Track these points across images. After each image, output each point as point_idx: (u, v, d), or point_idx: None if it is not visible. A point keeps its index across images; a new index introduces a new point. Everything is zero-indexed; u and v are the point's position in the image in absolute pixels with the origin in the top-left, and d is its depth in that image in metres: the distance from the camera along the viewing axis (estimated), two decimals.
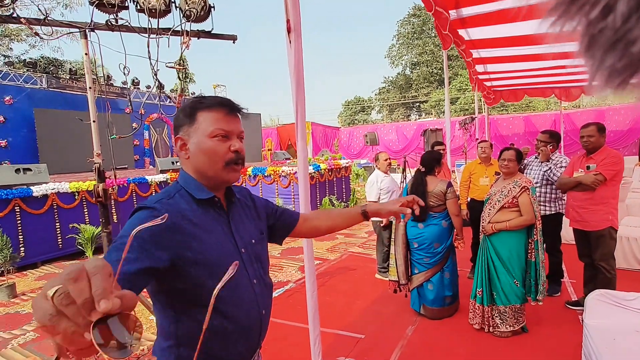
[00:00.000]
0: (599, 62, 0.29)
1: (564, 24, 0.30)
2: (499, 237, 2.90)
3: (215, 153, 0.98)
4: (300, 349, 2.79)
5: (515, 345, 2.81)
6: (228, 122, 1.00)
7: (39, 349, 3.11)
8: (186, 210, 0.95)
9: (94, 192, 2.27)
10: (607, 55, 0.28)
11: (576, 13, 0.29)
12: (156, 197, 0.97)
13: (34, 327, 3.52)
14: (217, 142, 0.98)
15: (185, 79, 2.61)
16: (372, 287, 4.12)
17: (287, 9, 1.85)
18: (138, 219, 0.89)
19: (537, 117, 16.01)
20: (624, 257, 4.18)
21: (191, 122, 0.99)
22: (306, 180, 2.00)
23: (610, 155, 3.00)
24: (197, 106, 0.99)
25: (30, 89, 10.52)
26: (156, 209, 0.91)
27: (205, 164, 0.99)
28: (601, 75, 0.30)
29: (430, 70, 30.10)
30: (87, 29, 2.10)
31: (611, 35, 0.28)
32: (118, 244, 0.82)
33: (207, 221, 0.98)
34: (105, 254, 0.82)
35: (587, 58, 0.30)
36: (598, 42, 0.28)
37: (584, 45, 0.30)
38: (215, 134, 0.98)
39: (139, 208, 0.93)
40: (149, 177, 7.02)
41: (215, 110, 0.99)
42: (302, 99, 1.89)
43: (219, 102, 1.01)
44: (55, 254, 5.72)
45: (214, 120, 0.98)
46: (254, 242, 1.09)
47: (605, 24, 0.27)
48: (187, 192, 0.99)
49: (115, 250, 0.81)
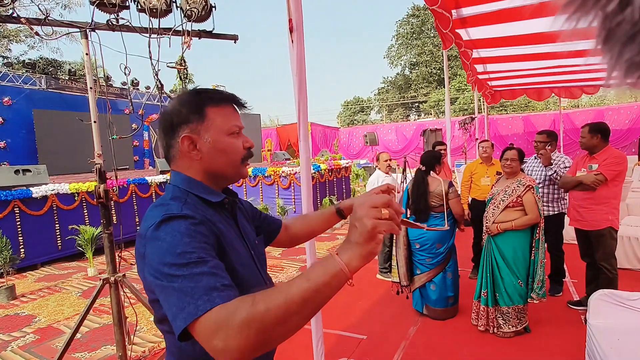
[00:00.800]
0: (617, 56, 0.29)
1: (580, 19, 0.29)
2: (504, 237, 2.89)
3: (235, 151, 0.93)
4: (303, 350, 2.78)
5: (518, 345, 2.80)
6: (237, 117, 0.95)
7: (39, 351, 3.09)
8: (210, 215, 0.87)
9: (95, 193, 2.25)
10: (626, 49, 0.28)
11: (592, 7, 0.28)
12: (174, 204, 0.83)
13: (34, 329, 3.50)
14: (233, 139, 0.93)
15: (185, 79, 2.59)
16: (374, 288, 4.10)
17: (290, 8, 1.84)
18: (179, 232, 0.75)
19: (537, 117, 16.03)
20: (626, 256, 4.18)
21: (200, 118, 0.90)
22: (309, 180, 1.99)
23: (612, 156, 3.00)
24: (205, 102, 0.91)
25: (29, 89, 10.49)
26: (191, 216, 0.79)
27: (224, 163, 0.92)
28: (620, 69, 0.29)
29: (429, 71, 30.12)
30: (88, 29, 2.08)
31: (629, 28, 0.27)
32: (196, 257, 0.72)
33: (226, 224, 0.92)
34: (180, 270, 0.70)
35: (605, 52, 0.30)
36: (616, 35, 0.28)
37: (601, 40, 0.29)
38: (232, 130, 0.92)
39: (172, 217, 0.78)
40: (149, 178, 7.00)
41: (224, 106, 0.94)
42: (305, 98, 1.88)
43: (227, 97, 0.95)
44: (54, 255, 5.70)
45: (228, 116, 0.93)
46: (257, 243, 1.06)
47: (622, 17, 0.27)
48: (197, 196, 0.89)
49: (197, 262, 0.71)
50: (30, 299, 4.32)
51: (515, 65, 5.96)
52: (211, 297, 0.67)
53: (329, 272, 0.68)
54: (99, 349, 3.07)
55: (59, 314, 3.85)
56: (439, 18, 3.93)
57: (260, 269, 0.99)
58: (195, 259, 0.72)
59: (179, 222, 0.77)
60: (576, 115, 14.86)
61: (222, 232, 0.86)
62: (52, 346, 3.16)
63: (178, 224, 0.77)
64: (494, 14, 3.86)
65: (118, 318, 2.44)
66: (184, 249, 0.73)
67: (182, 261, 0.71)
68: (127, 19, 2.20)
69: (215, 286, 0.69)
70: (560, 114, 11.44)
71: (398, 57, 32.16)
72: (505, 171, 2.99)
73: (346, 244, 0.71)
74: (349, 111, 35.46)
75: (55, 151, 10.13)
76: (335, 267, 0.68)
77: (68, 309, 3.97)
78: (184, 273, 0.70)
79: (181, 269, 0.71)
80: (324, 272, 0.68)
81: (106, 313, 3.66)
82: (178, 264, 0.71)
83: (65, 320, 3.68)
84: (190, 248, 0.73)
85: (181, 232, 0.75)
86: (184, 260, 0.71)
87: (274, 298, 0.65)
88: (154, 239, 0.76)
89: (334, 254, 0.70)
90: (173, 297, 0.70)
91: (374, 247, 0.69)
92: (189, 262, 0.71)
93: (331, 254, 0.70)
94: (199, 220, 0.80)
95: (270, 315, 0.64)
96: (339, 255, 0.70)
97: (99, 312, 3.78)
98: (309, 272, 0.69)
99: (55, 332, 3.44)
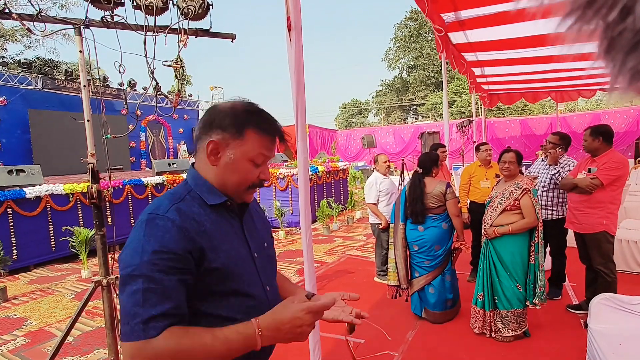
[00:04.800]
0: (620, 65, 0.29)
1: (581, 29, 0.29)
2: (502, 240, 2.86)
3: (245, 178, 0.94)
4: (300, 354, 2.73)
5: (518, 350, 2.77)
6: (270, 149, 0.97)
7: (29, 355, 3.03)
8: (200, 215, 0.89)
9: (88, 194, 2.20)
10: (629, 58, 0.28)
11: (593, 17, 0.28)
12: (165, 201, 0.89)
13: (25, 333, 3.43)
14: (251, 167, 0.94)
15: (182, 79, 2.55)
16: (372, 291, 4.06)
17: (288, 7, 1.81)
18: (152, 235, 0.81)
19: (534, 120, 16.08)
20: (624, 260, 4.16)
21: (236, 134, 0.92)
22: (306, 181, 1.96)
23: (612, 160, 2.98)
24: (250, 122, 0.93)
25: (25, 89, 10.41)
26: (169, 218, 0.84)
27: (230, 181, 0.94)
28: (623, 77, 0.29)
29: (427, 74, 30.22)
30: (82, 26, 2.04)
31: (632, 37, 0.27)
32: (147, 274, 0.79)
33: (220, 225, 0.93)
34: (134, 283, 0.79)
35: (608, 61, 0.30)
36: (618, 44, 0.28)
37: (603, 48, 0.29)
38: (256, 160, 0.94)
39: (148, 220, 0.84)
40: (145, 179, 6.93)
41: (268, 138, 0.95)
42: (303, 97, 1.85)
43: (274, 129, 0.96)
44: (48, 257, 5.62)
45: (261, 146, 0.94)
46: (267, 246, 1.07)
47: (624, 26, 0.27)
48: (199, 195, 0.93)
49: (148, 280, 0.79)
50: (22, 302, 4.25)
51: (513, 68, 5.97)
52: (147, 327, 0.76)
53: (247, 343, 0.82)
54: (91, 353, 3.01)
55: (51, 317, 3.78)
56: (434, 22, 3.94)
57: (259, 271, 1.00)
58: (147, 271, 0.78)
59: (155, 226, 0.83)
60: (573, 118, 14.92)
61: (208, 232, 0.88)
62: (43, 350, 3.10)
63: (155, 228, 0.83)
64: (491, 16, 3.86)
65: (110, 321, 2.39)
66: (147, 257, 0.79)
67: (138, 269, 0.79)
68: (123, 16, 2.16)
69: (154, 315, 0.77)
70: (557, 118, 11.50)
71: (396, 60, 32.26)
72: (504, 174, 2.97)
73: (274, 332, 0.83)
74: (347, 113, 35.50)
75: (50, 152, 10.05)
76: (252, 340, 0.82)
77: (60, 312, 3.90)
78: (134, 286, 0.78)
79: (134, 281, 0.79)
80: (244, 340, 0.81)
81: (99, 316, 3.60)
82: (134, 274, 0.79)
83: (57, 323, 3.61)
84: (152, 257, 0.79)
85: (154, 236, 0.81)
86: (142, 271, 0.79)
87: (195, 351, 0.78)
88: (135, 231, 0.85)
89: (257, 330, 0.82)
90: (123, 307, 0.80)
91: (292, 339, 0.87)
92: (139, 272, 0.79)
93: (254, 330, 0.82)
94: (178, 226, 0.84)
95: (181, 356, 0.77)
96: (261, 332, 0.82)
97: (92, 315, 3.72)
98: (228, 335, 0.81)
99: (47, 335, 3.37)
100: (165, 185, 7.15)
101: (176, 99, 2.77)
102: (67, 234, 5.47)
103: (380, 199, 4.20)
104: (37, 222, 5.43)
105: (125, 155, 12.36)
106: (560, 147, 3.48)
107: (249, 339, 0.81)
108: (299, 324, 0.83)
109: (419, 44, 30.28)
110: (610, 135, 3.06)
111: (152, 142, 13.89)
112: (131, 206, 6.66)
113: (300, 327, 0.84)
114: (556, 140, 3.54)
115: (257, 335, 0.81)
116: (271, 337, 0.83)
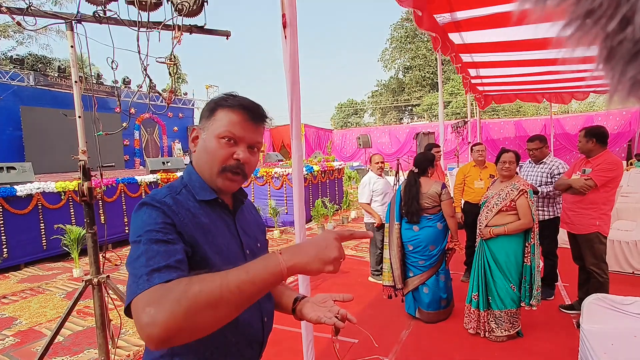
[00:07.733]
0: (619, 74, 0.29)
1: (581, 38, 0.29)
2: (497, 241, 2.87)
3: (214, 155, 0.92)
4: (293, 354, 2.72)
5: (511, 349, 2.78)
6: (243, 127, 0.93)
7: (18, 355, 2.98)
8: (195, 208, 0.90)
9: (79, 191, 2.17)
10: (629, 67, 0.28)
11: (592, 27, 0.28)
12: (162, 192, 0.90)
13: (14, 332, 3.38)
14: (222, 145, 0.92)
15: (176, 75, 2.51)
16: (366, 291, 4.06)
17: (283, 4, 1.80)
18: (149, 215, 0.82)
19: (528, 121, 16.21)
20: (616, 260, 4.20)
21: (209, 116, 0.95)
22: (300, 179, 1.94)
23: (606, 162, 3.00)
24: (221, 103, 0.95)
25: (17, 86, 10.27)
26: (166, 203, 0.85)
27: (204, 164, 0.94)
28: (623, 87, 0.29)
29: (423, 75, 30.31)
30: (74, 20, 2.01)
31: (631, 47, 0.27)
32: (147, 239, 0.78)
33: (213, 220, 0.93)
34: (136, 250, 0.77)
35: (607, 70, 0.30)
36: (618, 54, 0.28)
37: (603, 58, 0.29)
38: (222, 135, 0.92)
39: (144, 203, 0.85)
40: (139, 178, 6.87)
41: (235, 112, 0.93)
42: (297, 95, 1.83)
43: (242, 104, 0.94)
44: (39, 255, 5.54)
45: (229, 122, 0.93)
46: (260, 247, 1.06)
47: (624, 36, 0.27)
48: (192, 190, 0.94)
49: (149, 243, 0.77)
50: (12, 301, 4.18)
51: (507, 70, 6.00)
52: (151, 277, 0.71)
53: (269, 270, 0.70)
54: (82, 353, 2.97)
55: (41, 316, 3.72)
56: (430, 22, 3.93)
57: None
58: (147, 238, 0.78)
59: (153, 209, 0.83)
60: (566, 120, 15.07)
61: (203, 225, 0.89)
62: (32, 349, 3.05)
63: (152, 210, 0.83)
64: (486, 18, 3.87)
65: (101, 321, 2.35)
66: (146, 227, 0.80)
67: (138, 238, 0.79)
68: (115, 11, 2.13)
69: (157, 267, 0.73)
70: (551, 119, 11.59)
71: (392, 60, 32.31)
72: (503, 174, 2.95)
73: (296, 249, 0.74)
74: (342, 114, 35.50)
75: (42, 149, 9.91)
76: (275, 267, 0.71)
77: (51, 311, 3.84)
78: (137, 252, 0.76)
79: (137, 245, 0.78)
80: (264, 268, 0.71)
81: (90, 315, 3.55)
82: (137, 240, 0.79)
83: (48, 323, 3.56)
84: (150, 227, 0.80)
85: (151, 216, 0.82)
86: (141, 238, 0.78)
87: (210, 282, 0.68)
88: (133, 217, 0.85)
89: (277, 253, 0.73)
90: (130, 275, 0.76)
91: (320, 270, 0.73)
92: (140, 240, 0.78)
93: (275, 252, 0.74)
94: (174, 211, 0.85)
95: (202, 296, 0.66)
96: (282, 255, 0.72)
97: (83, 315, 3.67)
98: (249, 265, 0.71)
99: (37, 335, 3.32)
100: (159, 183, 7.09)
101: (169, 96, 2.74)
102: (59, 232, 5.39)
103: (373, 199, 4.20)
104: (28, 220, 5.36)
105: (119, 154, 12.24)
106: (542, 148, 3.61)
107: (268, 260, 0.71)
108: (322, 240, 0.75)
109: (414, 45, 30.36)
110: (605, 137, 3.09)
111: (146, 141, 13.79)
112: (124, 205, 6.60)
113: (325, 241, 0.74)
114: (537, 145, 3.66)
115: (277, 253, 0.72)
116: (293, 253, 0.73)
